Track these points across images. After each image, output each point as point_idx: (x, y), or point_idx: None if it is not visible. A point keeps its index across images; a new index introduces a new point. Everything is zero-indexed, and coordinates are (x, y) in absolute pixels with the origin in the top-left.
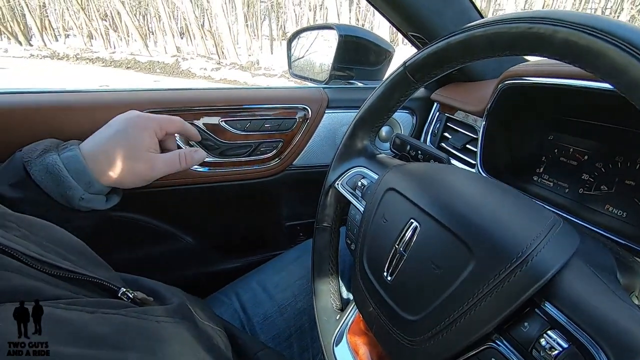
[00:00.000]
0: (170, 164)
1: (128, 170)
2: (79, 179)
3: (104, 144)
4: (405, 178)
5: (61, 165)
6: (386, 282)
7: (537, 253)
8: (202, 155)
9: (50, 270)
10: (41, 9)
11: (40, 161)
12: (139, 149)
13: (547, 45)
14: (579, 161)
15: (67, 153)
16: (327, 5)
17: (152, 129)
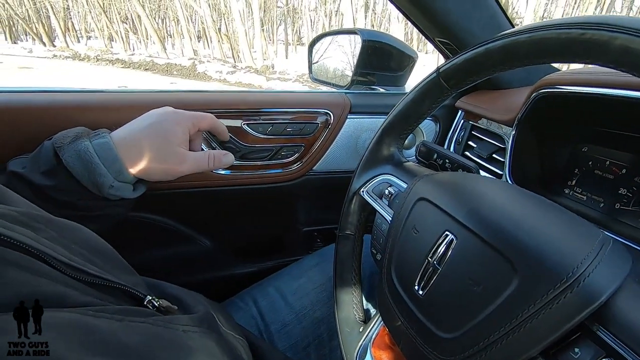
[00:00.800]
0: (200, 162)
1: (158, 163)
2: (109, 166)
3: (136, 134)
4: (437, 188)
5: (92, 151)
6: (417, 296)
7: (589, 274)
8: (230, 159)
9: (78, 275)
10: (65, 12)
11: (73, 147)
12: (171, 143)
13: (602, 52)
14: (615, 175)
15: (98, 140)
16: (343, 11)
17: (185, 125)
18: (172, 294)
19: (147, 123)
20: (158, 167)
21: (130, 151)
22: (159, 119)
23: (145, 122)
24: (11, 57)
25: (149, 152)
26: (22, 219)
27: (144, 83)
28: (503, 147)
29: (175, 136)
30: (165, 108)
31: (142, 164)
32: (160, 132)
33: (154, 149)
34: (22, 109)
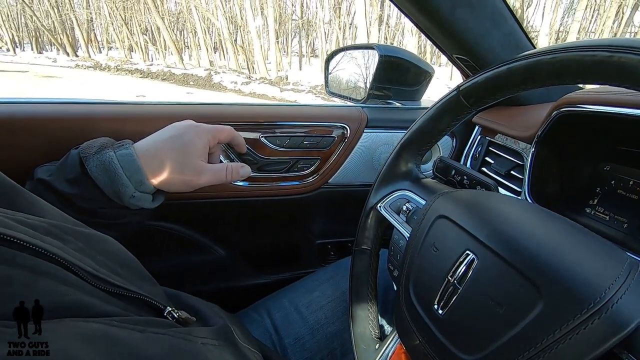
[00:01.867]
0: (217, 174)
1: (177, 174)
2: (131, 176)
3: (158, 146)
4: (457, 206)
5: (116, 162)
6: (437, 316)
7: (617, 299)
8: (247, 171)
9: (102, 285)
10: (89, 23)
11: (97, 157)
12: (190, 155)
13: (631, 75)
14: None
15: (122, 151)
16: (357, 24)
17: (205, 137)
18: (190, 305)
19: (169, 135)
20: (177, 179)
21: (152, 162)
22: (180, 131)
23: (166, 134)
24: (37, 67)
25: (169, 163)
26: (52, 230)
27: (161, 92)
28: (521, 163)
29: (195, 148)
30: (187, 121)
31: (163, 175)
32: (180, 144)
33: (174, 160)
34: (48, 119)
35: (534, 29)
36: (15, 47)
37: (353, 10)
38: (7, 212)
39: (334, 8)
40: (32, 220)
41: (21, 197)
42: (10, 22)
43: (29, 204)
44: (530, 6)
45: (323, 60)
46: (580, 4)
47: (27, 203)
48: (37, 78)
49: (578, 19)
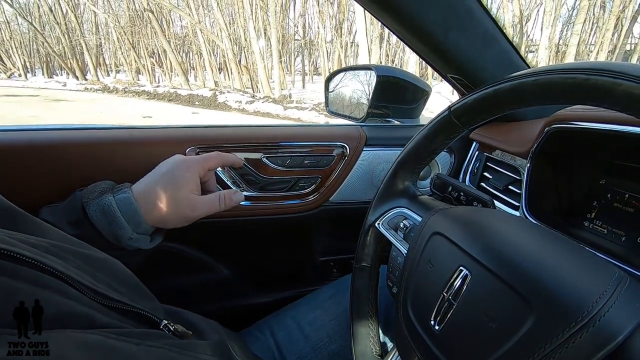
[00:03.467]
0: (211, 205)
1: (172, 210)
2: (129, 219)
3: (152, 186)
4: (452, 222)
5: (115, 206)
6: (433, 332)
7: (604, 313)
8: (240, 197)
9: (102, 299)
10: (98, 48)
11: (97, 202)
12: (182, 190)
13: (605, 97)
14: (636, 208)
15: (121, 195)
16: (359, 43)
17: (195, 169)
18: (189, 321)
19: (160, 173)
20: (173, 215)
21: (148, 202)
22: (170, 167)
23: (159, 173)
24: (47, 91)
25: (164, 201)
26: (52, 249)
27: (167, 113)
28: (518, 178)
29: (187, 183)
30: (175, 157)
31: (158, 213)
32: (172, 181)
33: (168, 198)
34: (44, 146)
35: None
36: (26, 73)
37: (354, 29)
38: (8, 232)
39: (336, 27)
40: (33, 240)
41: (23, 219)
42: (22, 48)
43: (31, 226)
44: (530, 21)
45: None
46: (578, 18)
47: (29, 225)
48: (46, 102)
49: (577, 32)
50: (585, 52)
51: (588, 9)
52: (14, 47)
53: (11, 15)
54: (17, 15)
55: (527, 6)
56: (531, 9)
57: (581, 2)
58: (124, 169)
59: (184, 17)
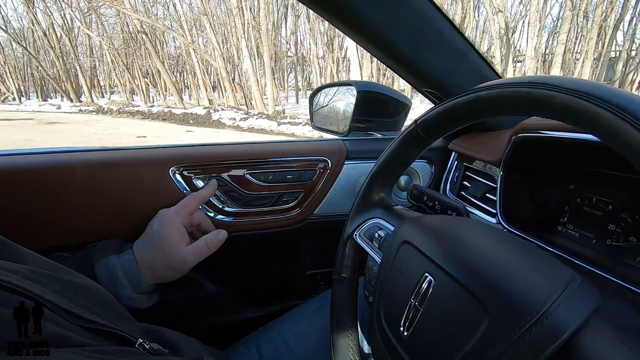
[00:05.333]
0: (199, 252)
1: (165, 268)
2: (131, 280)
3: (146, 248)
4: (420, 231)
5: (119, 268)
6: (402, 338)
7: (552, 311)
8: (224, 235)
9: (78, 321)
10: (92, 70)
11: (104, 262)
12: (170, 248)
13: (545, 108)
14: (603, 211)
15: (124, 257)
16: (350, 57)
17: (177, 222)
18: (167, 339)
19: (150, 234)
20: (167, 272)
21: (145, 263)
22: (157, 227)
23: (149, 234)
24: (41, 114)
25: (156, 261)
26: (31, 275)
27: (162, 131)
28: (495, 186)
29: (173, 239)
30: (159, 215)
31: (155, 272)
32: (160, 241)
33: (159, 257)
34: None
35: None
36: (21, 97)
37: (345, 45)
38: None
39: (327, 44)
40: (12, 266)
41: (3, 246)
42: (17, 73)
43: (11, 253)
44: (516, 32)
45: None
46: (563, 28)
47: (10, 252)
48: (40, 125)
49: (562, 41)
50: (571, 61)
51: (572, 19)
52: (8, 72)
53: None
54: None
55: (512, 18)
56: (517, 21)
57: (565, 13)
58: (108, 191)
59: (178, 38)
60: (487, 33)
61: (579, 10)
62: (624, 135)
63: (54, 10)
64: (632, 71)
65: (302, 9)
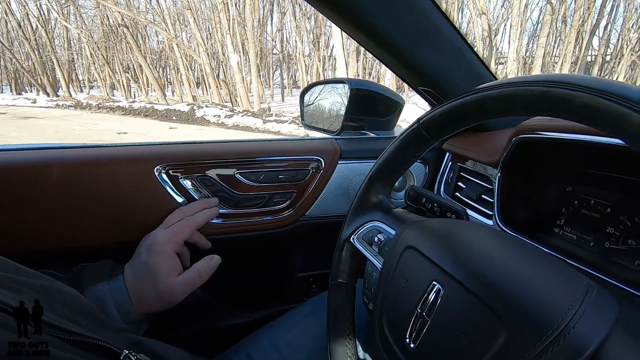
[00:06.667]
0: (191, 283)
1: (154, 300)
2: (120, 309)
3: (136, 275)
4: (425, 236)
5: (109, 297)
6: (409, 350)
7: (574, 325)
8: (217, 261)
9: (58, 333)
10: (70, 64)
11: (94, 288)
12: (159, 279)
13: (565, 108)
14: (601, 214)
15: (115, 284)
16: (336, 56)
17: (169, 248)
18: (152, 349)
19: (139, 262)
20: (156, 304)
21: (135, 292)
22: (145, 257)
23: (139, 261)
24: (15, 108)
25: (145, 293)
26: (4, 282)
27: (144, 128)
28: (491, 187)
29: (162, 269)
30: (147, 240)
31: (144, 304)
32: (148, 271)
33: (148, 290)
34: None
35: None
36: None
37: (331, 43)
38: None
39: (313, 42)
40: None
41: None
42: None
43: None
44: (498, 34)
45: None
46: (542, 31)
47: None
48: (14, 119)
49: (542, 45)
50: (550, 64)
51: (551, 24)
52: None
53: None
54: None
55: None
56: (499, 24)
57: (544, 17)
58: (91, 190)
59: (160, 32)
60: (470, 35)
61: (558, 15)
62: None
63: (29, 0)
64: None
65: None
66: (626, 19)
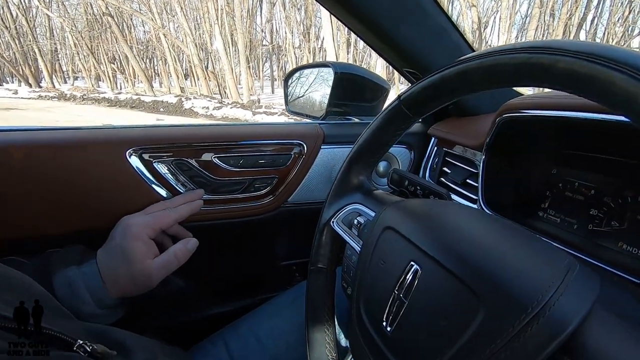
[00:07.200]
0: (168, 265)
1: (130, 284)
2: (93, 295)
3: (110, 259)
4: (403, 216)
5: (80, 281)
6: (385, 333)
7: (554, 302)
8: (194, 244)
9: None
10: (53, 54)
11: (63, 273)
12: (134, 263)
13: (547, 75)
14: (585, 196)
15: (86, 268)
16: (326, 48)
17: (144, 234)
18: (117, 339)
19: (113, 245)
20: (132, 288)
21: (109, 277)
22: (119, 241)
23: (112, 244)
24: None
25: (120, 277)
26: None
27: (130, 119)
28: (476, 172)
29: (136, 253)
30: (121, 224)
31: (119, 288)
32: (122, 256)
33: (123, 274)
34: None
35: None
36: None
37: (321, 35)
38: None
39: (303, 33)
40: None
41: None
42: None
43: None
44: (487, 27)
45: None
46: (531, 25)
47: None
48: None
49: (530, 38)
50: None
51: (539, 17)
52: None
53: None
54: None
55: (484, 14)
56: (488, 16)
57: (533, 10)
58: (60, 175)
59: (147, 22)
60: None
61: (547, 8)
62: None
63: None
64: None
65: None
66: (612, 12)
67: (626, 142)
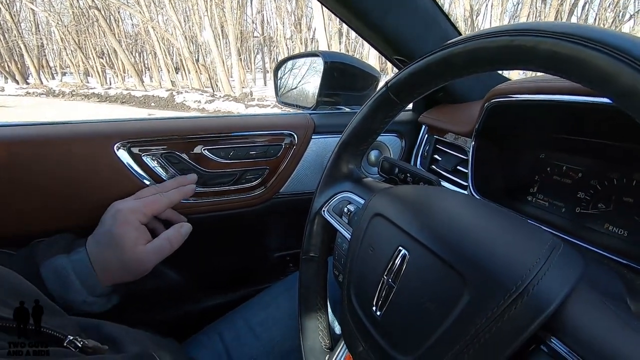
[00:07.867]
0: (161, 251)
1: (122, 270)
2: (84, 282)
3: (100, 245)
4: (392, 202)
5: (70, 269)
6: (375, 318)
7: (537, 281)
8: (188, 229)
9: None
10: (39, 49)
11: (51, 262)
12: (125, 249)
13: (530, 58)
14: (573, 179)
15: (75, 256)
16: (318, 38)
17: (135, 219)
18: (108, 334)
19: (103, 231)
20: (124, 274)
21: (100, 264)
22: (109, 225)
23: (102, 230)
24: None
25: (111, 264)
26: None
27: (121, 115)
28: (466, 158)
29: (127, 239)
30: (111, 209)
31: (111, 275)
32: (112, 242)
33: (114, 261)
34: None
35: None
36: None
37: (313, 26)
38: None
39: (295, 24)
40: None
41: None
42: None
43: None
44: (480, 15)
45: None
46: (522, 12)
47: None
48: None
49: None
50: None
51: (531, 3)
52: None
53: None
54: None
55: (476, 1)
56: (480, 4)
57: None
58: (44, 170)
59: (135, 15)
60: (453, 15)
61: None
62: (623, 78)
63: None
64: None
65: None
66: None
67: (612, 124)
